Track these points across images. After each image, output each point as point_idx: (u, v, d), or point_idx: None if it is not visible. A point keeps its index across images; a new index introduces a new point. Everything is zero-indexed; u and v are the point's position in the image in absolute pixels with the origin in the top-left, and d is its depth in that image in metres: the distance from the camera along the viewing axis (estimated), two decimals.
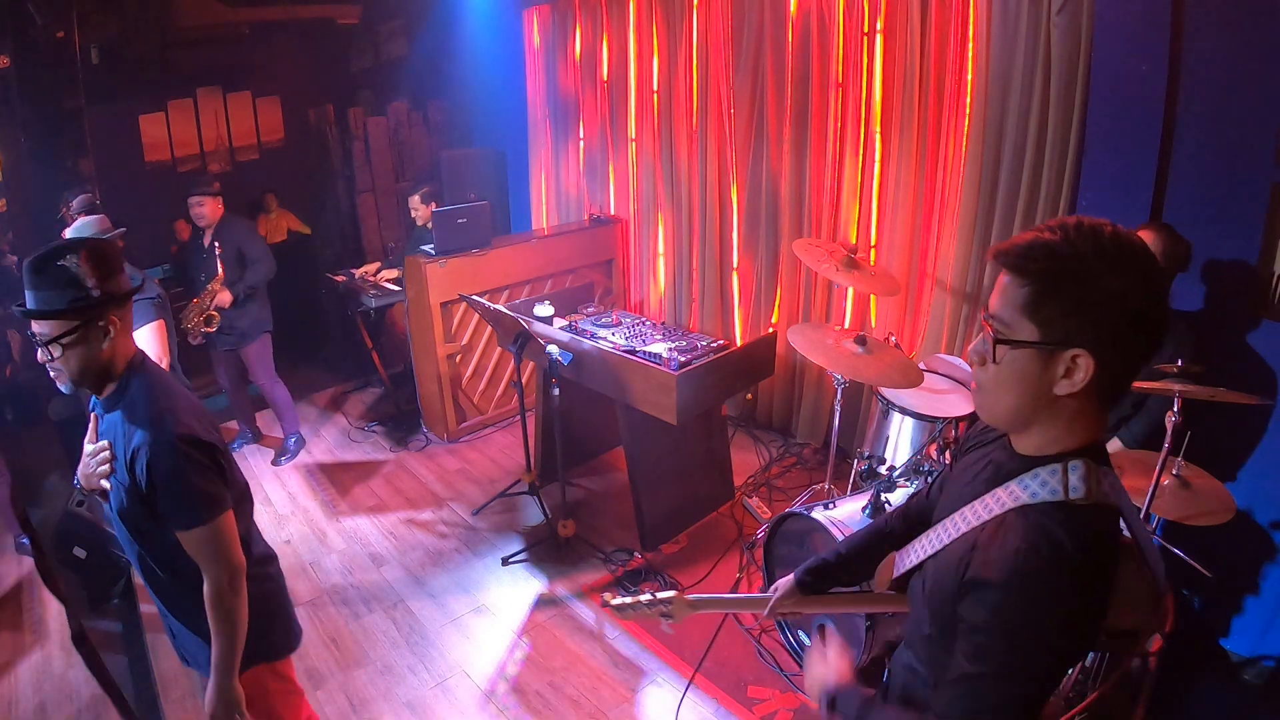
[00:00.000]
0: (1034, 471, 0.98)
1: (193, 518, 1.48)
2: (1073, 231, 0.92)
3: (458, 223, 4.16)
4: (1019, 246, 0.94)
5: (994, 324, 0.97)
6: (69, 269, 1.42)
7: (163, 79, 5.40)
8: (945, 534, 1.09)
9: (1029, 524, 0.94)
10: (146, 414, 1.48)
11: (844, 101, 3.66)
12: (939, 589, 1.05)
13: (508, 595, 3.14)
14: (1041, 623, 0.90)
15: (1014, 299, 0.94)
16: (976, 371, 1.01)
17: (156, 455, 1.45)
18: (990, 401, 1.01)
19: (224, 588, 1.53)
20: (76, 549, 3.14)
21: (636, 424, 3.22)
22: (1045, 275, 0.92)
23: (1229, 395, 2.02)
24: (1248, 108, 2.40)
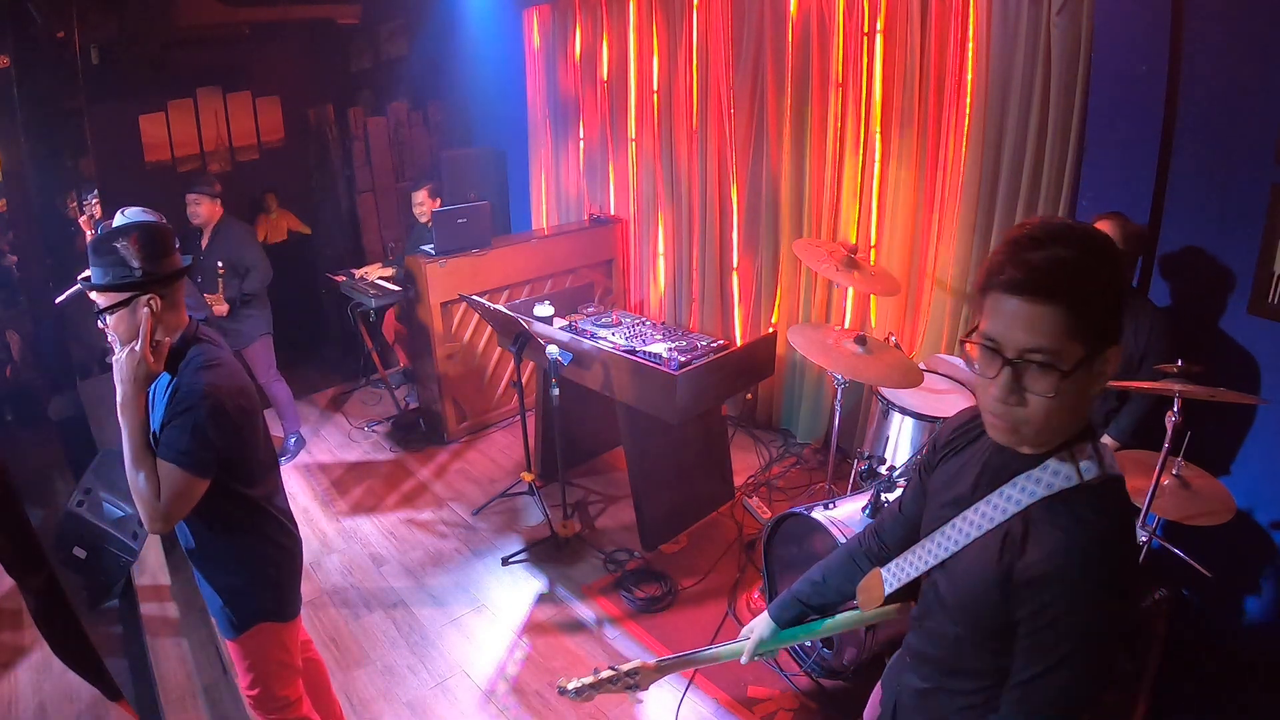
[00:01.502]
0: (1044, 465, 0.99)
1: (169, 454, 1.61)
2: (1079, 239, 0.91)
3: (458, 223, 4.16)
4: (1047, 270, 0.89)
5: (1039, 358, 0.91)
6: (118, 249, 1.63)
7: (163, 79, 5.39)
8: (952, 540, 1.09)
9: (1067, 515, 0.96)
10: (195, 369, 1.67)
11: (844, 101, 3.66)
12: (969, 591, 1.05)
13: (508, 595, 3.14)
14: (1106, 603, 0.93)
15: (1054, 327, 0.90)
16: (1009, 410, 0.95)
17: (182, 397, 1.63)
18: (1034, 431, 0.96)
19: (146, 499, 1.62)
20: (76, 549, 3.14)
21: (636, 424, 3.22)
22: (1078, 293, 0.90)
23: (1229, 395, 2.02)
24: (1248, 108, 2.40)
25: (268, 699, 1.95)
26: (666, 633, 2.88)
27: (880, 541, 1.39)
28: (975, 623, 1.06)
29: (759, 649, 1.51)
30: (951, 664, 1.13)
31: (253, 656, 1.90)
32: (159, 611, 3.12)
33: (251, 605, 1.86)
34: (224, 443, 1.66)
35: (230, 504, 1.75)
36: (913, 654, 1.23)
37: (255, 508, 1.81)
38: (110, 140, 5.21)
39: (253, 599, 1.86)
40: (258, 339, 4.08)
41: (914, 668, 1.22)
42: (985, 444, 1.10)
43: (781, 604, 1.48)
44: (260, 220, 5.79)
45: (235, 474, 1.73)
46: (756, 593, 3.02)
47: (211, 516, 1.75)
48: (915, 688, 1.21)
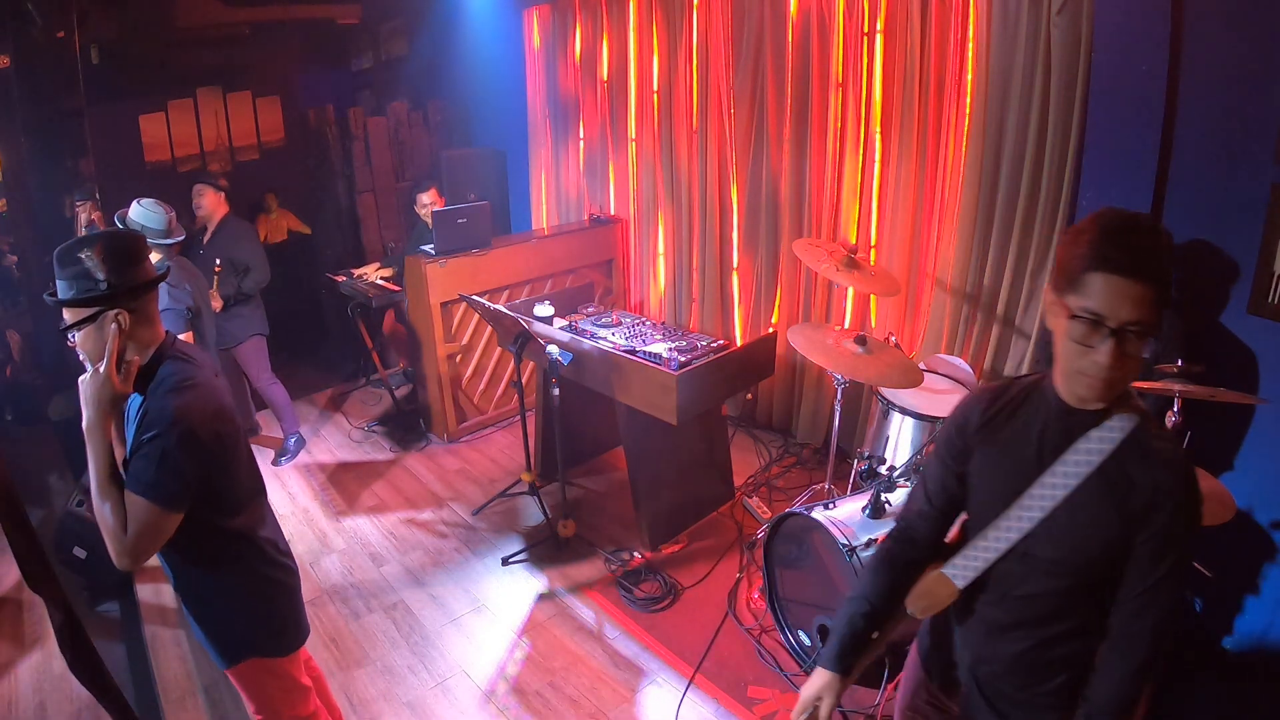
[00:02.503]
0: (1115, 416, 1.16)
1: (134, 485, 1.49)
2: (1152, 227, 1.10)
3: (458, 223, 4.16)
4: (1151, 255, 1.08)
5: (1137, 327, 1.08)
6: (82, 262, 1.50)
7: (163, 79, 5.39)
8: (1037, 508, 1.20)
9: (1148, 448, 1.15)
10: (166, 391, 1.54)
11: (844, 101, 3.66)
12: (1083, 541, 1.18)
13: (508, 595, 3.14)
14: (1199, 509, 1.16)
15: (1150, 301, 1.07)
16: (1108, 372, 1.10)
17: (151, 422, 1.50)
18: (1121, 385, 1.14)
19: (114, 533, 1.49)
20: (76, 549, 3.14)
21: (636, 424, 3.22)
22: (1166, 273, 1.09)
23: (1229, 395, 2.02)
24: (1248, 108, 2.40)
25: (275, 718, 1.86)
26: (666, 633, 2.87)
27: (914, 545, 1.40)
28: (1090, 567, 1.19)
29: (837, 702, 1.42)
30: (1052, 615, 1.25)
31: (250, 687, 1.81)
32: (159, 611, 3.12)
33: (239, 641, 1.74)
34: (198, 473, 1.53)
35: (209, 537, 1.63)
36: (997, 627, 1.31)
37: (238, 540, 1.68)
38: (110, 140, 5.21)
39: (240, 635, 1.74)
40: (248, 339, 4.06)
41: (998, 638, 1.31)
42: (1036, 415, 1.23)
43: (840, 653, 1.38)
44: (260, 220, 5.79)
45: (213, 505, 1.60)
46: (756, 593, 3.02)
47: (189, 551, 1.63)
48: (1009, 653, 1.30)
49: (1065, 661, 1.26)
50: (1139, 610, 1.15)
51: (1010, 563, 1.26)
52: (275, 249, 5.72)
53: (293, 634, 1.84)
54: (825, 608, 2.55)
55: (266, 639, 1.78)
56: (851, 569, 2.35)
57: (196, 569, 1.67)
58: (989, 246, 3.22)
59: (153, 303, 1.61)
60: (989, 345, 3.31)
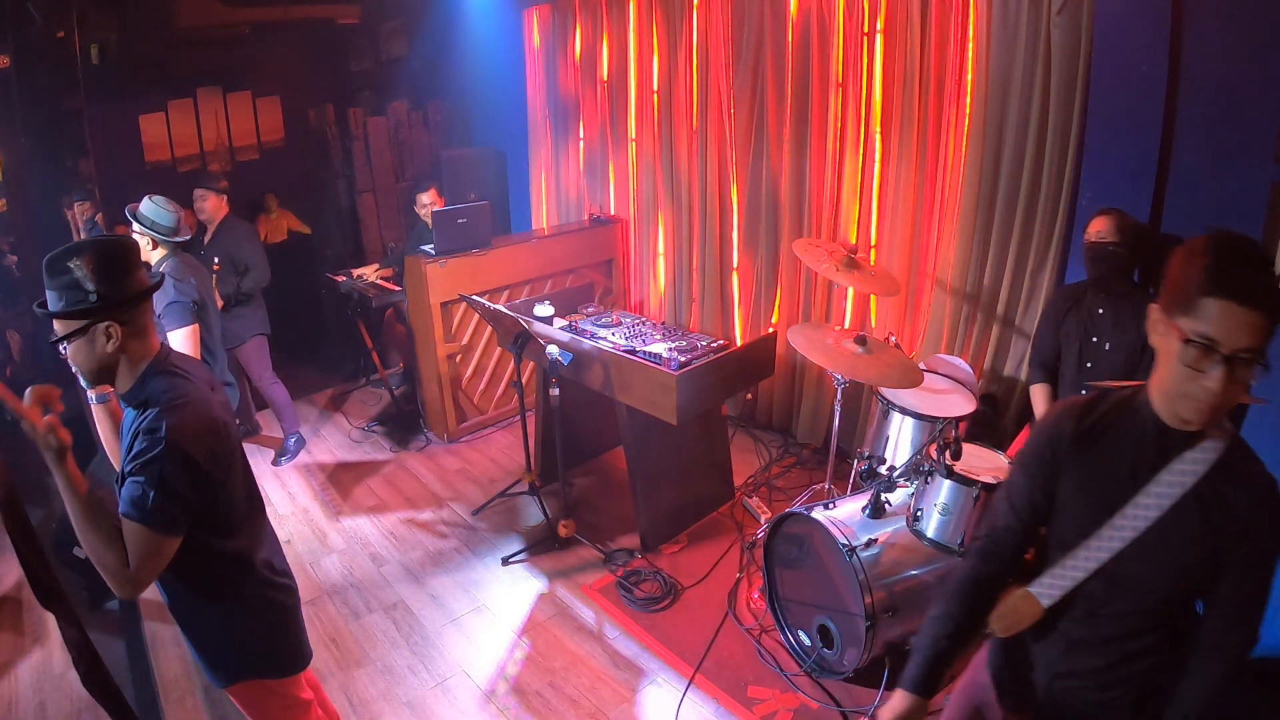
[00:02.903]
0: (1209, 438, 1.17)
1: (130, 510, 1.43)
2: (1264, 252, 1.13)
3: (458, 223, 4.16)
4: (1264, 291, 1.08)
5: (1249, 355, 1.09)
6: (72, 272, 1.44)
7: (163, 79, 5.39)
8: (1129, 528, 1.21)
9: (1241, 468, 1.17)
10: (160, 409, 1.47)
11: (844, 101, 3.66)
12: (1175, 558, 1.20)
13: (508, 595, 3.14)
14: None
15: (1264, 331, 1.08)
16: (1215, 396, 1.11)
17: (143, 444, 1.44)
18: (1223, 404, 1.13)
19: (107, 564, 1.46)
20: (76, 549, 3.14)
21: (636, 424, 3.22)
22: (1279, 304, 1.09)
23: None
24: (1248, 108, 2.40)
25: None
26: (666, 633, 2.87)
27: (999, 564, 1.37)
28: (1176, 587, 1.22)
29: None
30: (1135, 632, 1.27)
31: (249, 706, 1.76)
32: (159, 611, 3.12)
33: (238, 663, 1.69)
34: (194, 494, 1.46)
35: (205, 561, 1.56)
36: (1081, 644, 1.32)
37: (235, 562, 1.62)
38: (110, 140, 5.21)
39: (238, 658, 1.69)
40: (250, 339, 4.06)
41: (1080, 654, 1.33)
42: (1125, 434, 1.24)
43: (926, 676, 1.33)
44: (260, 220, 5.79)
45: (209, 527, 1.53)
46: (756, 593, 3.02)
47: (184, 575, 1.57)
48: (1089, 668, 1.32)
49: (1145, 674, 1.29)
50: (1229, 625, 1.19)
51: (1098, 581, 1.27)
52: (275, 249, 5.72)
53: (293, 657, 1.79)
54: (825, 608, 2.55)
55: (266, 662, 1.73)
56: (852, 569, 2.35)
57: (191, 593, 1.61)
58: (989, 246, 3.22)
59: (146, 314, 1.55)
60: (989, 345, 3.31)
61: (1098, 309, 2.58)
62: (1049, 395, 2.76)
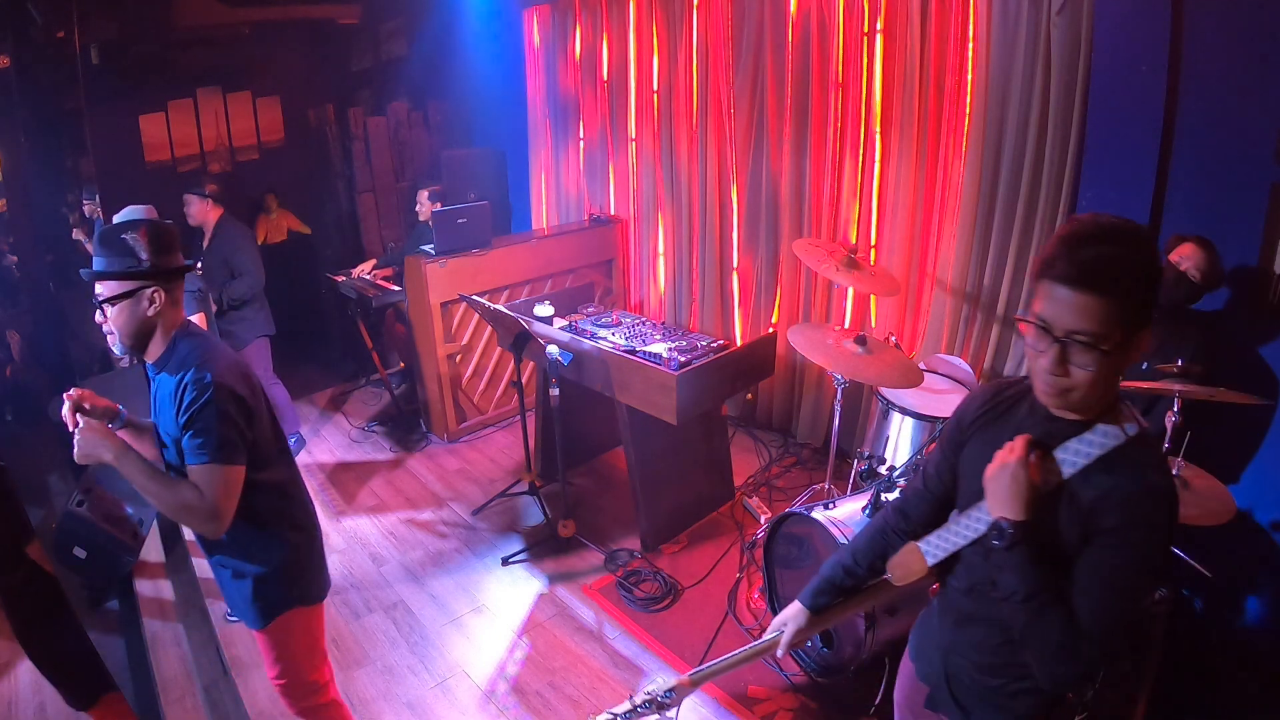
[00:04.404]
0: (1093, 429, 1.14)
1: (203, 454, 1.61)
2: (1123, 236, 1.06)
3: (458, 223, 4.16)
4: (1097, 267, 1.05)
5: (1083, 338, 1.07)
6: (127, 240, 1.65)
7: (163, 79, 5.39)
8: None
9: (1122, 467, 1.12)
10: (193, 363, 1.66)
11: (844, 101, 3.66)
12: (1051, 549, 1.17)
13: (508, 595, 3.14)
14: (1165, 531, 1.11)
15: (1098, 314, 1.05)
16: (1056, 379, 1.10)
17: (194, 396, 1.62)
18: (1080, 397, 1.12)
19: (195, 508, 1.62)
20: (76, 549, 3.14)
21: (636, 424, 3.21)
22: (1129, 287, 1.06)
23: (1229, 395, 2.02)
24: (1248, 108, 2.40)
25: (297, 685, 1.96)
26: (666, 632, 2.87)
27: (905, 519, 1.45)
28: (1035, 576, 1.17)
29: (799, 638, 1.52)
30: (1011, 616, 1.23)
31: (281, 645, 1.90)
32: (159, 611, 3.12)
33: (278, 593, 1.86)
34: (245, 426, 1.67)
35: (249, 493, 1.73)
36: (965, 617, 1.35)
37: (274, 492, 1.81)
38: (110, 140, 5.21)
39: (279, 586, 1.85)
40: (252, 342, 4.06)
41: (965, 627, 1.34)
42: (1023, 417, 1.24)
43: (816, 591, 1.52)
44: (260, 220, 5.79)
45: (251, 460, 1.72)
46: (756, 593, 3.02)
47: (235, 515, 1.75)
48: (973, 645, 1.33)
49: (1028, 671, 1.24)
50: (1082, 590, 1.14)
51: (979, 554, 1.27)
52: (275, 249, 5.72)
53: (322, 581, 1.97)
54: None
55: (306, 589, 1.91)
56: None
57: (238, 526, 1.74)
58: (989, 246, 3.22)
59: (180, 289, 1.75)
60: (989, 345, 3.31)
61: None
62: None
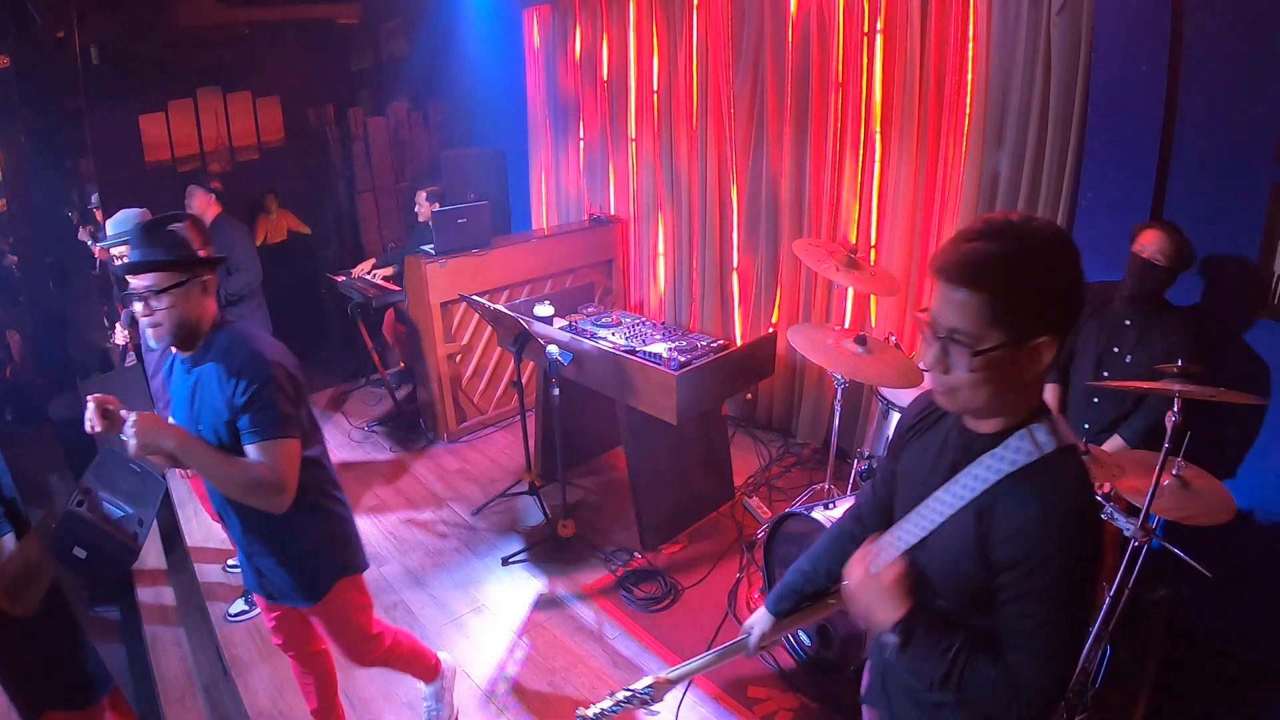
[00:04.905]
0: (1005, 444, 1.07)
1: (268, 431, 1.68)
2: (1010, 234, 1.00)
3: (458, 223, 4.16)
4: (967, 261, 1.01)
5: (959, 337, 1.02)
6: (177, 232, 1.70)
7: (163, 79, 5.39)
8: (926, 520, 1.15)
9: (1032, 488, 1.04)
10: (245, 349, 1.72)
11: (844, 101, 3.66)
12: (954, 568, 1.12)
13: (508, 595, 3.14)
14: (1079, 561, 1.03)
15: (977, 313, 1.00)
16: (939, 377, 1.07)
17: (251, 376, 1.68)
18: (965, 399, 1.07)
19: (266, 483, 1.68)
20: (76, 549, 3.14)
21: (636, 424, 3.21)
22: (1004, 285, 0.99)
23: (1229, 395, 2.02)
24: (1248, 108, 2.40)
25: (359, 646, 2.08)
26: (666, 633, 2.87)
27: (861, 525, 1.43)
28: (959, 596, 1.13)
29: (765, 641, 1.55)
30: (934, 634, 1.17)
31: (335, 615, 1.99)
32: (159, 611, 3.12)
33: (332, 564, 1.95)
34: (297, 401, 1.75)
35: None
36: None
37: (313, 465, 1.86)
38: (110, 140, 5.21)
39: (331, 558, 1.95)
40: None
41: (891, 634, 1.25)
42: (949, 426, 1.18)
43: (778, 597, 1.53)
44: (260, 220, 5.79)
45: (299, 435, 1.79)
46: (756, 593, 3.02)
47: None
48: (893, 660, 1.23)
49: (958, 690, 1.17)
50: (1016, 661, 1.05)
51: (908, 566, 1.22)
52: (275, 249, 5.72)
53: (362, 548, 2.08)
54: None
55: (355, 555, 2.02)
56: None
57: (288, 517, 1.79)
58: None
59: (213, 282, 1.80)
60: None
61: (1125, 319, 2.48)
62: (1059, 396, 2.67)
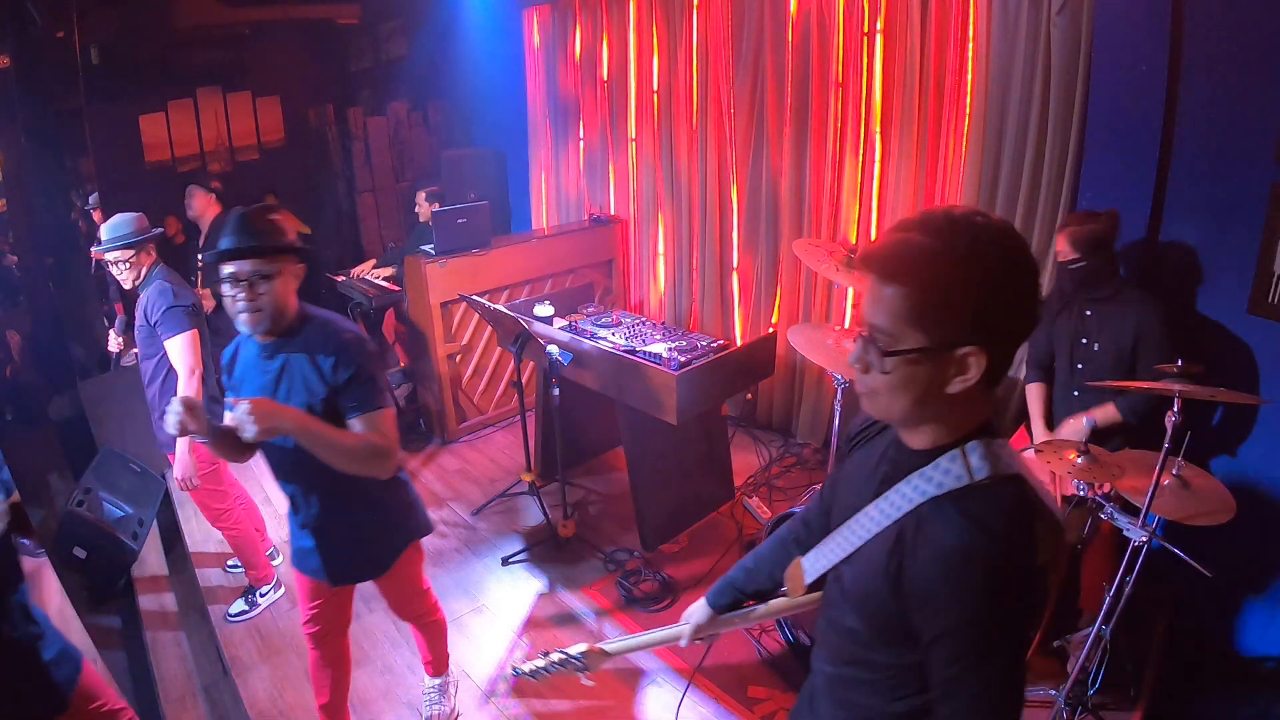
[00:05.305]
0: (935, 463, 0.97)
1: (374, 402, 1.81)
2: (945, 229, 0.90)
3: (458, 223, 4.16)
4: (891, 252, 0.93)
5: (877, 335, 0.94)
6: (277, 221, 1.80)
7: (163, 79, 5.40)
8: (854, 536, 1.07)
9: (953, 515, 0.93)
10: (340, 331, 1.84)
11: (844, 101, 3.66)
12: (867, 593, 1.03)
13: (508, 595, 3.14)
14: (1000, 606, 0.90)
15: (896, 309, 0.92)
16: (860, 377, 0.99)
17: (352, 353, 1.80)
18: (884, 405, 0.99)
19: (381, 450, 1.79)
20: (76, 549, 3.14)
21: (636, 424, 3.21)
22: (925, 281, 0.91)
23: (1229, 395, 2.02)
24: (1248, 108, 2.40)
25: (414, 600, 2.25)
26: None
27: (807, 529, 1.39)
28: (872, 622, 1.04)
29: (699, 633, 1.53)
30: (852, 654, 1.11)
31: (402, 577, 2.13)
32: (159, 611, 3.12)
33: (405, 528, 2.08)
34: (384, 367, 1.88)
35: None
36: (820, 639, 1.21)
37: None
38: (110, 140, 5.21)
39: (404, 523, 2.07)
40: None
41: (820, 652, 1.20)
42: (889, 437, 1.09)
43: (718, 590, 1.51)
44: None
45: None
46: None
47: None
48: (824, 672, 1.19)
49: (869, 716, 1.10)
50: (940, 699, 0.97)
51: (832, 579, 1.16)
52: None
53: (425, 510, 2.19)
54: None
55: (420, 518, 2.14)
56: None
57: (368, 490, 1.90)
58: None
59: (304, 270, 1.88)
60: None
61: (1086, 310, 2.58)
62: (1044, 394, 2.77)
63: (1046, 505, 0.97)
